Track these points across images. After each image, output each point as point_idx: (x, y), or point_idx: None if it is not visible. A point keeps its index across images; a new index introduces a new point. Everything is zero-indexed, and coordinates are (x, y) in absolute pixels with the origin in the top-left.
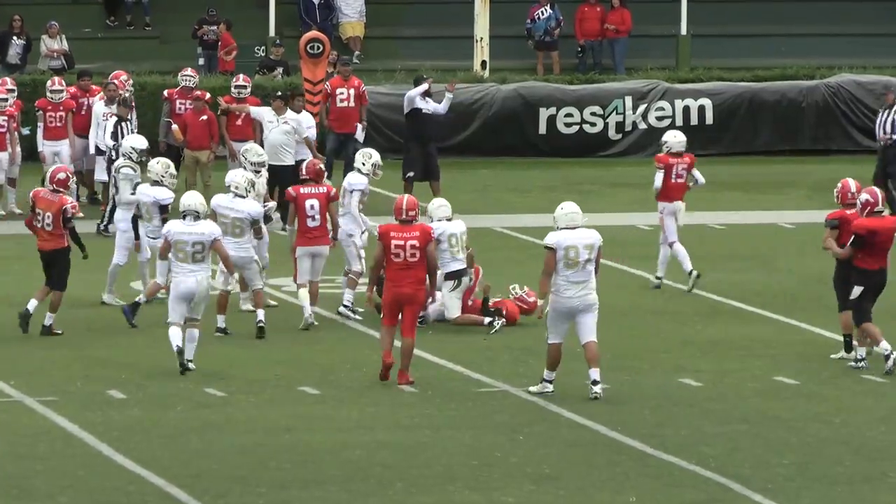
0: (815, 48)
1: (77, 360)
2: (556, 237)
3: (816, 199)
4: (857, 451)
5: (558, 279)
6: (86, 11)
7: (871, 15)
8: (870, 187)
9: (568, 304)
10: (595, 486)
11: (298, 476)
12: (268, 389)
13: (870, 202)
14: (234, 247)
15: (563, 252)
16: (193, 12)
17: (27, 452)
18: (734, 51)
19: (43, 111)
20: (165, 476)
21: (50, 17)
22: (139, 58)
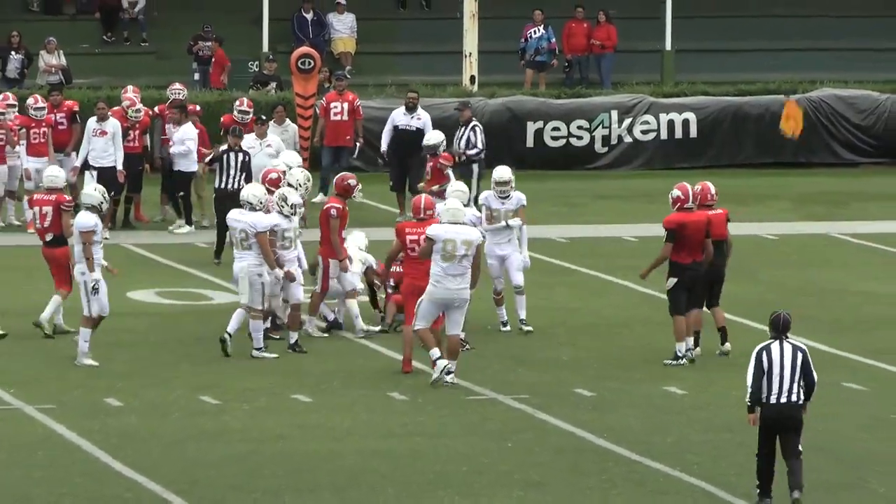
0: (797, 63)
1: (75, 370)
2: (437, 230)
3: (799, 211)
4: (838, 459)
5: (436, 270)
6: (83, 27)
7: (852, 31)
8: (681, 184)
9: (444, 295)
10: (582, 492)
11: (292, 483)
12: (262, 398)
13: (680, 198)
14: (238, 259)
15: (441, 244)
16: (188, 29)
17: (26, 459)
18: (718, 66)
19: (26, 128)
20: (162, 483)
21: (48, 33)
22: (136, 73)
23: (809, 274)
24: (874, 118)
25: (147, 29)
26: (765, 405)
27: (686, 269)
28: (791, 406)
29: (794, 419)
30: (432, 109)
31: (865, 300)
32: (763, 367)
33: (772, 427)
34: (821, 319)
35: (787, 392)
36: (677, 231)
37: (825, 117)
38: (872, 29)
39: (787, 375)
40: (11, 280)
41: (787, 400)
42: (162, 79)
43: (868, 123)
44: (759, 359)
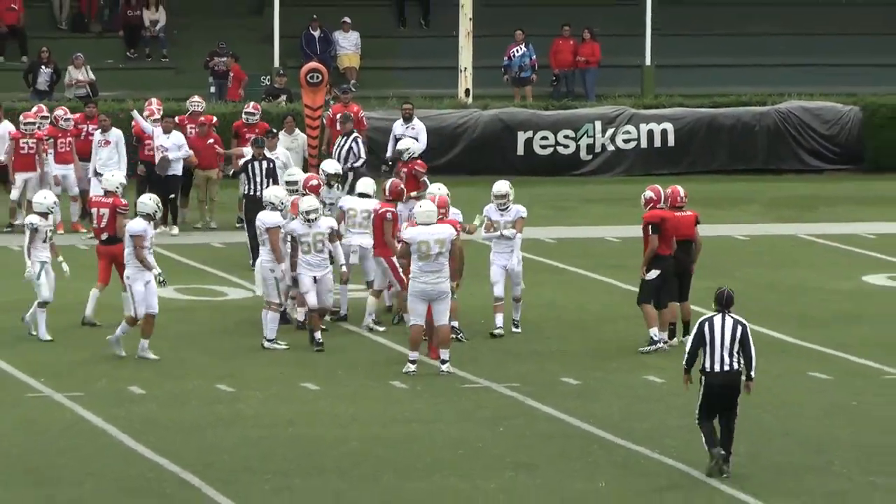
0: (767, 78)
1: (102, 360)
2: (411, 232)
3: (769, 214)
4: (803, 443)
5: (414, 268)
6: (108, 44)
7: (818, 48)
8: (654, 186)
9: (422, 289)
10: (569, 473)
11: (300, 466)
12: (273, 386)
13: (653, 199)
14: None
15: (415, 246)
16: (205, 45)
17: (56, 442)
18: (693, 80)
19: (54, 138)
20: (181, 464)
21: (76, 50)
22: (156, 87)
23: (778, 272)
24: (838, 128)
25: (167, 46)
26: (709, 373)
27: (665, 260)
28: (731, 373)
29: (733, 385)
30: (430, 120)
31: (830, 296)
32: (704, 337)
33: (715, 392)
34: (788, 314)
35: (728, 361)
36: (660, 225)
37: (793, 127)
38: (836, 47)
39: (727, 345)
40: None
41: (730, 368)
42: (180, 92)
43: (832, 133)
44: (700, 329)
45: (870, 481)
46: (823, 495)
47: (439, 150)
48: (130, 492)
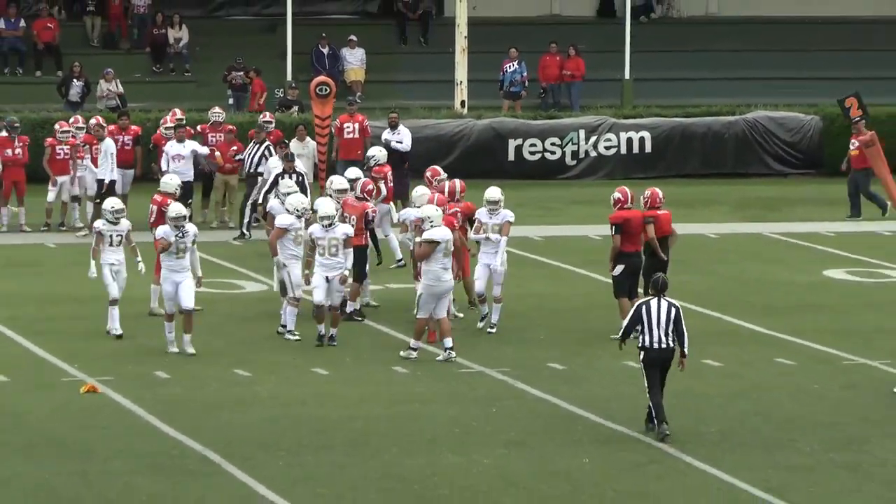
0: (736, 90)
1: (130, 348)
2: (438, 233)
3: (737, 214)
4: (771, 422)
5: (435, 267)
6: (136, 60)
7: (782, 63)
8: (622, 187)
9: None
10: (555, 449)
11: (311, 443)
12: (286, 371)
13: (620, 199)
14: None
15: (444, 244)
16: (224, 61)
17: (89, 423)
18: (668, 92)
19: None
20: (202, 442)
21: (106, 65)
22: (180, 98)
23: (745, 266)
24: (800, 136)
25: (189, 61)
26: (648, 349)
27: (629, 257)
28: (666, 349)
29: (667, 359)
30: (429, 128)
31: (792, 289)
32: (642, 317)
33: (654, 365)
34: (755, 304)
35: (664, 339)
36: (623, 225)
37: (759, 135)
38: (798, 62)
39: (662, 326)
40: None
41: (666, 345)
42: (202, 103)
43: (795, 140)
44: (638, 310)
45: (830, 458)
46: (788, 469)
47: (438, 155)
48: (156, 467)
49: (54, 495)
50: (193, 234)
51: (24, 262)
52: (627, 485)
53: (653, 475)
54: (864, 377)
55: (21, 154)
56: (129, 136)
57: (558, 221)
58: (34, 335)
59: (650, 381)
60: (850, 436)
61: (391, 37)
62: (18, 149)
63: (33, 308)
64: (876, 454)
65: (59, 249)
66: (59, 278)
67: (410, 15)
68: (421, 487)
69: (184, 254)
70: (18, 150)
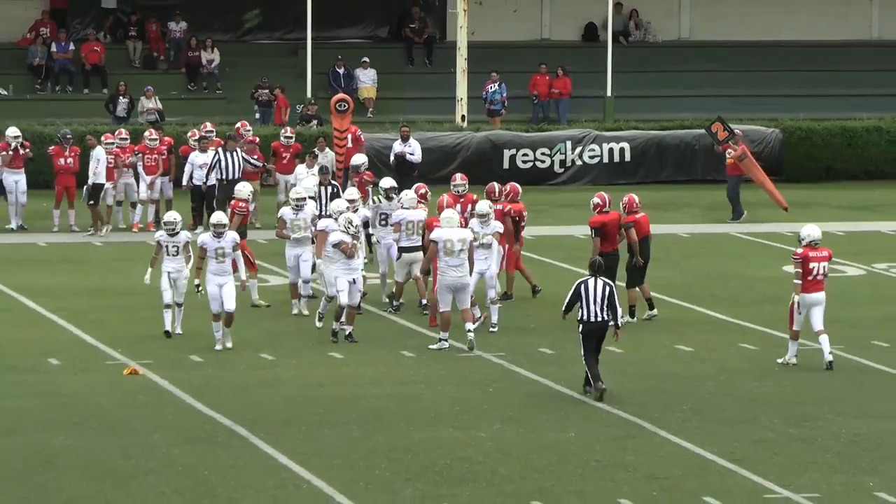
0: (706, 106)
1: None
2: (437, 233)
3: (706, 216)
4: (737, 401)
5: (441, 264)
6: (173, 79)
7: (746, 82)
8: (600, 192)
9: (450, 282)
10: (545, 425)
11: (328, 419)
12: (306, 355)
13: (599, 204)
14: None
15: (442, 244)
16: (251, 80)
17: (130, 401)
18: (645, 108)
19: (142, 153)
20: (232, 419)
21: (147, 83)
22: (211, 113)
23: (714, 263)
24: (763, 146)
25: (220, 80)
26: (585, 322)
27: (606, 256)
28: (600, 322)
29: (602, 331)
30: (432, 140)
31: (755, 282)
32: (581, 294)
33: (590, 335)
34: (722, 296)
35: (599, 313)
36: (601, 228)
37: None
38: (761, 81)
39: (598, 302)
40: (122, 268)
41: (601, 319)
42: (231, 118)
43: (758, 150)
44: (577, 288)
45: (788, 432)
46: (751, 442)
47: (440, 164)
48: (191, 441)
49: (100, 465)
50: (232, 240)
51: (74, 258)
52: (608, 456)
53: (631, 447)
54: (819, 361)
55: (72, 163)
56: (163, 146)
57: (548, 222)
58: (83, 323)
59: (586, 348)
60: (806, 413)
61: (400, 59)
62: (70, 158)
63: (82, 299)
64: (829, 429)
65: (104, 247)
66: (105, 273)
67: (417, 39)
68: (425, 458)
69: (223, 258)
70: (70, 160)
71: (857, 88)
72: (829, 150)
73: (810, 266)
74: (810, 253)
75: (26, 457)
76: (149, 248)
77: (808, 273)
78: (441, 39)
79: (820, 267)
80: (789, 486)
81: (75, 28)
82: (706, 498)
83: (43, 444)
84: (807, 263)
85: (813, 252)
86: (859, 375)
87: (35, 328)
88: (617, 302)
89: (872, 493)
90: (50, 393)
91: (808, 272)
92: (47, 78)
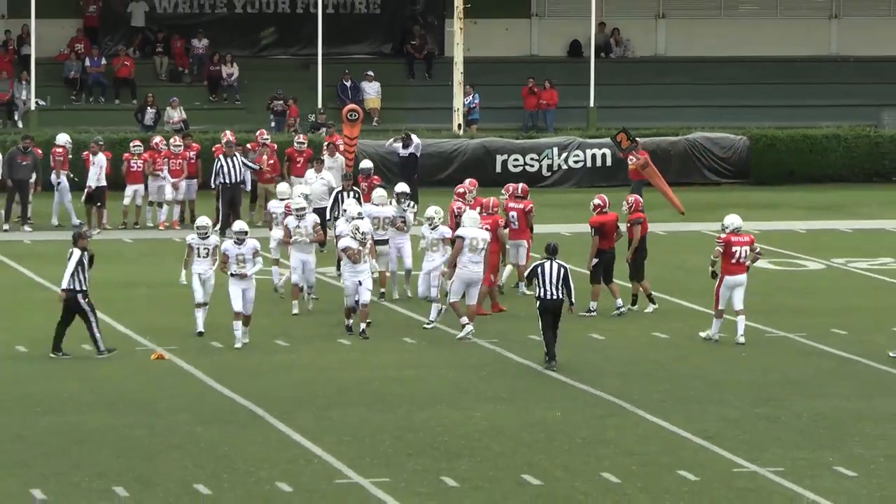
0: (678, 115)
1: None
2: (464, 231)
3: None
4: (707, 383)
5: (463, 258)
6: (196, 91)
7: (717, 94)
8: (600, 195)
9: (468, 276)
10: (534, 404)
11: (337, 400)
12: (317, 342)
13: (599, 205)
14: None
15: (468, 241)
16: (267, 92)
17: (156, 383)
18: (625, 117)
19: (169, 158)
20: (249, 400)
21: (172, 95)
22: (231, 122)
23: (687, 257)
24: (732, 152)
25: (239, 92)
26: (542, 300)
27: (604, 253)
28: (556, 300)
29: (557, 308)
30: (432, 147)
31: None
32: (538, 275)
33: (547, 312)
34: (692, 288)
35: (555, 292)
36: (600, 228)
37: (698, 152)
38: (730, 93)
39: (554, 282)
40: (150, 262)
41: (557, 297)
42: (249, 126)
43: (727, 156)
44: (535, 269)
45: (755, 412)
46: (721, 421)
47: (438, 168)
48: (212, 419)
49: (130, 442)
50: (252, 247)
51: (106, 254)
52: (592, 433)
53: (612, 425)
54: (783, 347)
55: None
56: (192, 151)
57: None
58: (114, 313)
59: (544, 324)
60: (771, 394)
61: (402, 72)
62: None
63: (113, 291)
64: (792, 409)
65: (134, 244)
66: (134, 267)
67: (417, 55)
68: (425, 435)
69: (244, 264)
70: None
71: (817, 99)
72: (793, 156)
73: (733, 250)
74: (733, 238)
75: (63, 434)
76: (174, 245)
77: (731, 256)
78: (439, 55)
79: (742, 251)
80: (756, 461)
81: (107, 44)
82: (680, 472)
83: (77, 424)
84: (730, 248)
85: (735, 237)
86: (819, 360)
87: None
88: (571, 282)
89: (832, 467)
90: (84, 377)
91: (731, 255)
92: (82, 90)
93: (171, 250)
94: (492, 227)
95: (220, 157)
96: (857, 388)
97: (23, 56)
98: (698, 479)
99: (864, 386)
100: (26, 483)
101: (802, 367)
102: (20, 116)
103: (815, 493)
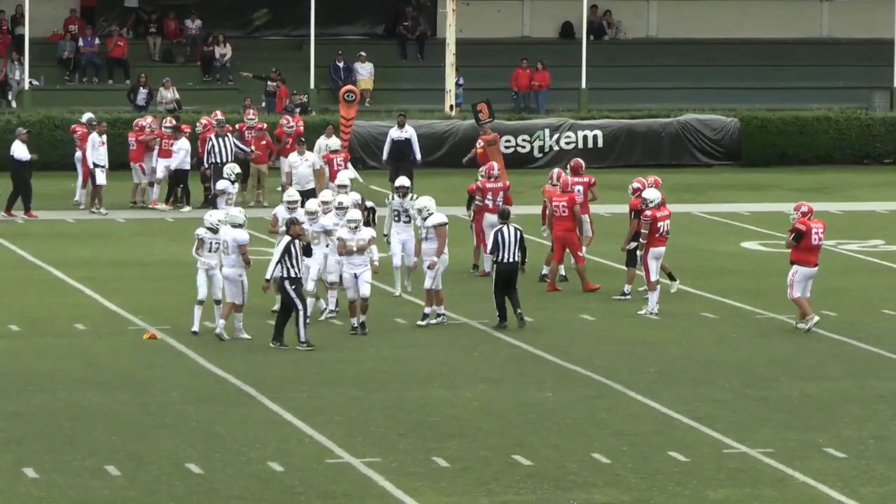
0: (671, 97)
1: (183, 303)
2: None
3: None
4: (698, 364)
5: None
6: (189, 71)
7: (708, 76)
8: (639, 178)
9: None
10: (525, 385)
11: (328, 380)
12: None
13: (639, 188)
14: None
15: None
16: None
17: (150, 363)
18: (617, 99)
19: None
20: (241, 379)
21: (165, 75)
22: (224, 102)
23: (679, 239)
24: (723, 134)
25: (232, 73)
26: (500, 263)
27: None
28: (513, 263)
29: (514, 270)
30: (424, 127)
31: (715, 256)
32: (498, 240)
33: (504, 275)
34: (686, 269)
35: (511, 255)
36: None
37: (689, 133)
38: (721, 75)
39: (511, 245)
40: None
41: (512, 259)
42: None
43: (718, 137)
44: (496, 235)
45: (745, 393)
46: (711, 402)
47: (431, 149)
48: (204, 398)
49: (122, 421)
50: (231, 239)
51: (99, 233)
52: (582, 413)
53: (603, 406)
54: (773, 328)
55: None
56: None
57: (527, 202)
58: (106, 292)
59: (497, 284)
60: (761, 375)
61: (394, 53)
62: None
63: (106, 270)
64: (781, 390)
65: (127, 224)
66: (127, 246)
67: (410, 36)
68: (417, 415)
69: (214, 252)
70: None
71: (808, 82)
72: (783, 138)
73: (658, 225)
74: (657, 213)
75: (56, 412)
76: (166, 224)
77: (655, 231)
78: (432, 36)
79: (664, 225)
80: (746, 442)
81: (101, 25)
82: (671, 452)
83: (71, 402)
84: (655, 223)
85: (659, 213)
86: (809, 342)
87: (64, 296)
88: (525, 245)
89: (821, 448)
90: (77, 355)
91: (656, 230)
92: (75, 70)
93: (164, 230)
94: (569, 205)
95: (211, 138)
96: (847, 369)
97: (16, 36)
98: (688, 459)
99: (853, 367)
100: (19, 461)
101: (792, 348)
102: (14, 96)
103: (805, 474)
